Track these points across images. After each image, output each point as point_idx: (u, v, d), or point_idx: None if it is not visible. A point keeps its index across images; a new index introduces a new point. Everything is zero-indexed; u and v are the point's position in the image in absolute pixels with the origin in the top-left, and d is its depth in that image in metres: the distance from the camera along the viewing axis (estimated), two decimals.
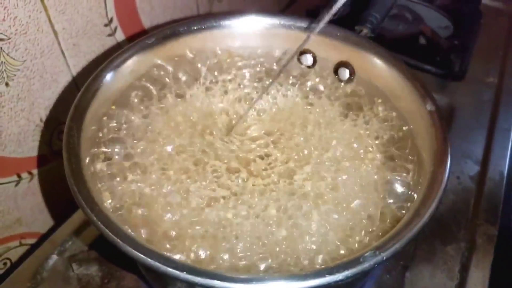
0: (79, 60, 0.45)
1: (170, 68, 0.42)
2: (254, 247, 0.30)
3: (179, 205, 0.32)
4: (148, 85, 0.41)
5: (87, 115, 0.33)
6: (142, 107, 0.39)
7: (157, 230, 0.31)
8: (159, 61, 0.41)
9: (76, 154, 0.30)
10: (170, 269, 0.23)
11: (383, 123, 0.40)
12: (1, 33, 0.36)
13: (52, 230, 0.47)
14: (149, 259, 0.24)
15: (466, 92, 0.60)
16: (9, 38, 0.37)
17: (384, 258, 0.25)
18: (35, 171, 0.45)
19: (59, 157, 0.46)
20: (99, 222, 0.25)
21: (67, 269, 0.40)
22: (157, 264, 0.23)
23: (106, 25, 0.46)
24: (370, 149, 0.38)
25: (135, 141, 0.37)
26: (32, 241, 0.48)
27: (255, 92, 0.43)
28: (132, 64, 0.38)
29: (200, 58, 0.43)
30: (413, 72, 0.38)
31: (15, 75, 0.39)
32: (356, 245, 0.31)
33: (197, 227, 0.31)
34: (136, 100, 0.40)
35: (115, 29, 0.47)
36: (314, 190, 0.35)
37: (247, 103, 0.42)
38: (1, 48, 0.37)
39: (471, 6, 0.72)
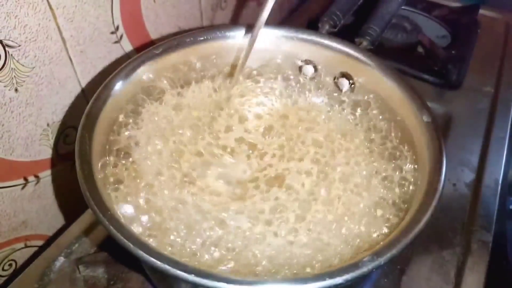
0: (86, 67, 0.46)
1: (176, 76, 0.43)
2: None
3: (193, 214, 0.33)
4: (155, 92, 0.42)
5: (98, 123, 0.34)
6: (150, 113, 0.40)
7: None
8: (166, 69, 0.42)
9: (88, 161, 0.30)
10: (179, 272, 0.24)
11: (381, 132, 0.41)
12: (12, 41, 0.37)
13: (58, 233, 0.48)
14: (158, 262, 0.25)
15: (462, 101, 0.61)
16: (19, 46, 0.38)
17: (382, 262, 0.26)
18: (41, 175, 0.46)
19: (65, 161, 0.48)
20: (111, 227, 0.26)
21: (73, 271, 0.41)
22: (166, 267, 0.24)
23: (112, 33, 0.47)
24: (367, 156, 0.39)
25: (143, 146, 0.38)
26: (37, 243, 0.49)
27: (257, 100, 0.44)
28: (141, 73, 0.39)
29: (204, 67, 0.44)
30: (410, 83, 0.39)
31: (24, 81, 0.40)
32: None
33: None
34: (144, 107, 0.41)
35: (121, 36, 0.48)
36: (312, 195, 0.36)
37: (250, 111, 0.43)
38: (11, 55, 0.37)
39: (469, 16, 0.73)
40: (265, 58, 0.45)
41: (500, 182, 0.51)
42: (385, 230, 0.33)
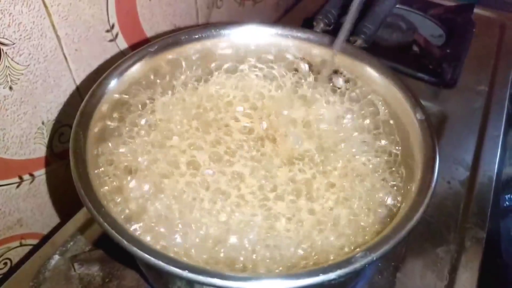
0: (81, 65, 0.46)
1: (168, 72, 0.43)
2: None
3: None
4: (148, 88, 0.42)
5: (92, 120, 0.34)
6: (143, 110, 0.40)
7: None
8: (159, 66, 0.42)
9: (82, 159, 0.30)
10: (173, 268, 0.24)
11: (375, 128, 0.41)
12: (6, 39, 0.37)
13: (54, 231, 0.48)
14: (153, 259, 0.25)
15: (457, 100, 0.62)
16: (14, 43, 0.38)
17: (375, 258, 0.26)
18: (36, 173, 0.46)
19: (60, 159, 0.48)
20: (105, 224, 0.26)
21: (68, 269, 0.41)
22: (160, 264, 0.25)
23: (107, 31, 0.47)
24: (364, 154, 0.39)
25: (138, 143, 0.38)
26: (32, 241, 0.49)
27: (252, 96, 0.45)
28: (135, 70, 0.39)
29: (198, 63, 0.44)
30: (404, 81, 0.40)
31: (18, 79, 0.40)
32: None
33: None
34: (138, 104, 0.41)
35: (117, 35, 0.48)
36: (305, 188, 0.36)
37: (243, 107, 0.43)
38: (5, 53, 0.37)
39: (464, 15, 0.74)
40: (260, 55, 0.45)
41: (494, 180, 0.52)
42: (377, 226, 0.33)
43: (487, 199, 0.50)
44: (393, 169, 0.37)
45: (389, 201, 0.35)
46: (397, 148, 0.38)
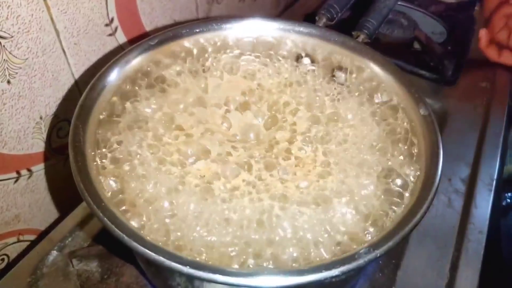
0: (80, 59, 0.45)
1: (167, 64, 0.42)
2: None
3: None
4: (148, 81, 0.41)
5: (92, 114, 0.33)
6: (143, 103, 0.40)
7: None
8: (159, 59, 0.41)
9: (82, 153, 0.30)
10: (174, 264, 0.24)
11: (377, 124, 0.40)
12: (4, 32, 0.37)
13: (52, 227, 0.47)
14: (153, 254, 0.24)
15: (458, 96, 0.62)
16: (12, 37, 0.38)
17: (378, 254, 0.26)
18: (34, 168, 0.45)
19: (58, 155, 0.48)
20: (105, 219, 0.26)
21: (67, 265, 0.41)
22: (161, 259, 0.24)
23: (107, 25, 0.47)
24: (368, 157, 0.39)
25: (135, 137, 0.37)
26: (30, 237, 0.48)
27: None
28: (135, 64, 0.39)
29: (199, 57, 0.44)
30: (407, 77, 0.39)
31: (16, 73, 0.39)
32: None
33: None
34: (137, 98, 0.40)
35: (116, 29, 0.48)
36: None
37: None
38: (3, 46, 0.37)
39: (465, 12, 0.74)
40: (262, 50, 0.45)
41: (495, 178, 0.52)
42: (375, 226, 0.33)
43: (487, 197, 0.49)
44: (396, 165, 0.37)
45: (392, 196, 0.34)
46: (401, 143, 0.38)
